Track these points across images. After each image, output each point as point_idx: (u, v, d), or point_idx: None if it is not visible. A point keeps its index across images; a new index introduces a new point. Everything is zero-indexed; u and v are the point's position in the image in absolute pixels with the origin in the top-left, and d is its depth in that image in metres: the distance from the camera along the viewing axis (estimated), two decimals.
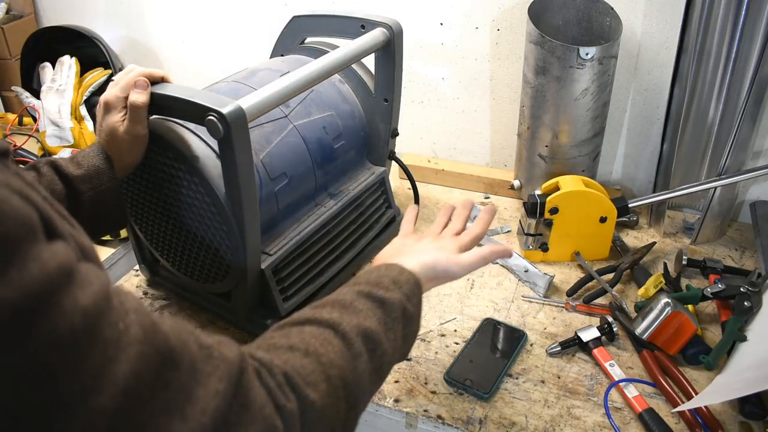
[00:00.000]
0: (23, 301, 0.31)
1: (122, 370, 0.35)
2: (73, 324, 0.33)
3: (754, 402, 0.78)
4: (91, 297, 0.35)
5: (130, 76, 0.77)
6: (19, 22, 1.61)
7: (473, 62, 1.27)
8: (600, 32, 1.12)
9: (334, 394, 0.50)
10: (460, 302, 1.00)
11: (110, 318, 0.36)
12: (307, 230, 0.93)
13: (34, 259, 0.33)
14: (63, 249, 0.35)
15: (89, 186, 0.74)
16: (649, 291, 0.96)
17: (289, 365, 0.49)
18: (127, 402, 0.35)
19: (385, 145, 1.08)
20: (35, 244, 0.33)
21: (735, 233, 1.16)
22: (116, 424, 0.35)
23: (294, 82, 0.81)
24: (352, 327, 0.55)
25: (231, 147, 0.72)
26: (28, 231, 0.33)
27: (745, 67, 0.97)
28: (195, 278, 0.92)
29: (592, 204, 1.04)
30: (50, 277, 0.33)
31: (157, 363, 0.38)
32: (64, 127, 1.40)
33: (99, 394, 0.34)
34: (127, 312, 0.37)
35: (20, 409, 0.32)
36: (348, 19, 1.00)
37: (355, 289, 0.60)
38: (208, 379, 0.40)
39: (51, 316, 0.33)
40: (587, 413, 0.81)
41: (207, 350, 0.42)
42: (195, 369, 0.40)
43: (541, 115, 1.12)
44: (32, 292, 0.32)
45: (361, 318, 0.56)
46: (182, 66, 1.57)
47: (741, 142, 1.03)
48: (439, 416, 0.81)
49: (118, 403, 0.35)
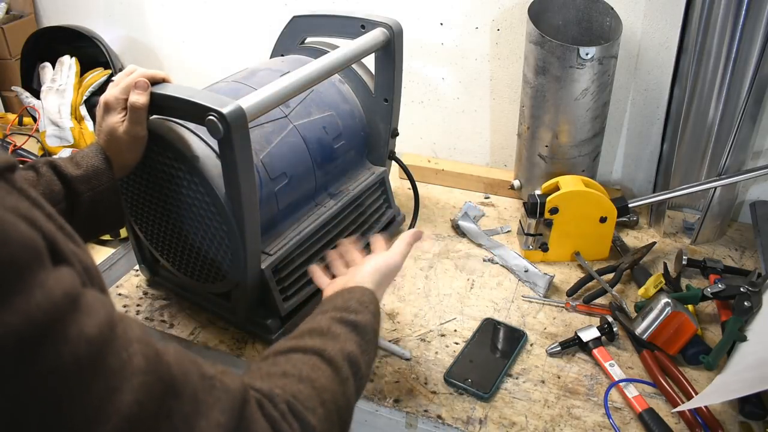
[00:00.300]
0: (28, 329, 0.31)
1: (126, 400, 0.35)
2: (77, 353, 0.33)
3: (754, 402, 0.78)
4: (96, 326, 0.35)
5: (130, 78, 0.77)
6: (19, 22, 1.61)
7: (473, 62, 1.27)
8: (600, 32, 1.12)
9: (329, 419, 0.51)
10: (460, 302, 1.00)
11: (114, 347, 0.36)
12: (307, 230, 0.93)
13: (40, 286, 0.32)
14: (68, 275, 0.35)
15: (88, 186, 0.74)
16: (649, 291, 0.96)
17: (288, 392, 0.49)
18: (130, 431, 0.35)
19: (385, 145, 1.08)
20: (41, 270, 0.33)
21: (735, 233, 1.16)
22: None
23: (294, 82, 0.81)
24: (337, 352, 0.57)
25: (231, 147, 0.72)
26: (33, 257, 0.33)
27: (745, 67, 0.97)
28: (195, 278, 0.92)
29: (592, 204, 1.04)
30: (56, 305, 0.33)
31: (160, 392, 0.38)
32: (64, 127, 1.40)
33: (103, 425, 0.34)
34: (131, 341, 0.37)
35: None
36: (348, 19, 1.00)
37: (328, 316, 0.62)
38: (210, 410, 0.40)
39: (56, 344, 0.32)
40: (587, 413, 0.81)
41: (210, 381, 0.42)
42: (197, 399, 0.40)
43: (541, 115, 1.12)
44: (37, 321, 0.32)
45: (341, 343, 0.58)
46: (182, 66, 1.57)
47: (741, 142, 1.03)
48: (439, 416, 0.81)
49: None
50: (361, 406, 0.85)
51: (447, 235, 1.17)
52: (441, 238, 1.16)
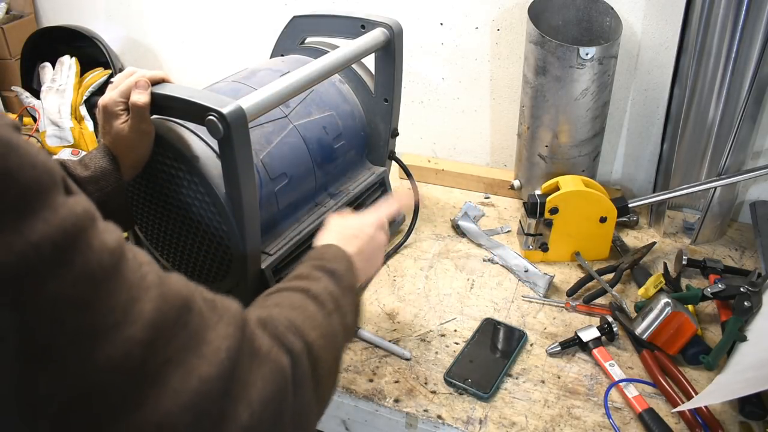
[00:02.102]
0: (60, 236, 0.35)
1: (147, 308, 0.39)
2: (102, 260, 0.37)
3: (754, 402, 0.78)
4: (115, 240, 0.39)
5: (129, 80, 0.77)
6: (19, 22, 1.61)
7: (473, 62, 1.27)
8: (600, 32, 1.12)
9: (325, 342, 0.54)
10: (460, 302, 1.00)
11: (130, 263, 0.40)
12: (307, 230, 0.93)
13: (62, 205, 0.36)
14: (84, 200, 0.39)
15: (96, 187, 0.75)
16: (649, 291, 0.96)
17: (284, 316, 0.53)
18: (156, 335, 0.39)
19: (385, 145, 1.08)
20: (60, 193, 0.37)
21: (735, 233, 1.16)
22: (147, 356, 0.38)
23: (294, 82, 0.81)
24: (320, 289, 0.60)
25: (231, 147, 0.72)
26: (55, 181, 0.37)
27: (745, 67, 0.97)
28: (195, 278, 0.92)
29: (592, 204, 1.04)
30: (79, 217, 0.37)
31: (175, 305, 0.41)
32: (64, 127, 1.40)
33: (131, 326, 0.38)
34: (142, 263, 0.41)
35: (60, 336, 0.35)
36: (348, 19, 1.00)
37: (307, 264, 0.65)
38: (217, 324, 0.44)
39: (83, 250, 0.36)
40: (587, 413, 0.81)
41: (211, 302, 0.46)
42: (203, 315, 0.43)
43: (541, 115, 1.12)
44: (67, 229, 0.36)
45: (324, 283, 0.62)
46: (182, 66, 1.57)
47: (741, 142, 1.03)
48: (439, 416, 0.81)
49: (147, 335, 0.38)
50: (361, 406, 0.85)
51: (447, 235, 1.17)
52: (441, 238, 1.16)
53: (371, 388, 0.85)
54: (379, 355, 0.90)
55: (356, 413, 0.86)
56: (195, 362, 0.41)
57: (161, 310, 0.40)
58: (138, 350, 0.38)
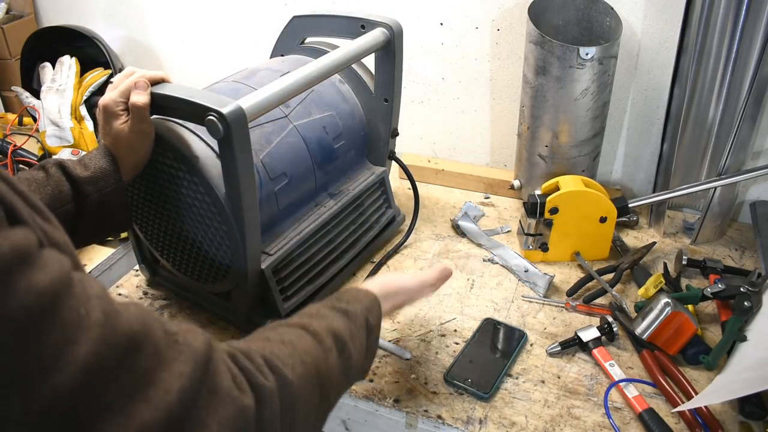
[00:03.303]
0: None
1: (82, 351, 0.36)
2: (27, 303, 0.34)
3: (754, 402, 0.78)
4: (48, 279, 0.36)
5: (129, 80, 0.77)
6: (19, 22, 1.60)
7: (473, 62, 1.27)
8: (600, 32, 1.12)
9: (308, 380, 0.52)
10: (460, 302, 1.00)
11: (69, 302, 0.37)
12: (307, 230, 0.93)
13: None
14: (21, 234, 0.37)
15: (95, 188, 0.75)
16: (649, 291, 0.96)
17: (266, 350, 0.51)
18: (88, 382, 0.36)
19: (385, 145, 1.08)
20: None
21: (735, 233, 1.16)
22: (77, 404, 0.36)
23: (294, 82, 0.81)
24: (322, 327, 0.59)
25: (231, 147, 0.72)
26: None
27: (745, 67, 0.97)
28: (195, 278, 0.92)
29: (592, 204, 1.04)
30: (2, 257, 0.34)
31: (119, 346, 0.38)
32: (64, 127, 1.40)
33: (59, 373, 0.35)
34: (89, 298, 0.38)
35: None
36: (348, 19, 1.00)
37: (319, 304, 0.65)
38: (172, 363, 0.41)
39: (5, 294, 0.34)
40: (587, 413, 0.81)
41: (173, 336, 0.43)
42: (159, 354, 0.41)
43: (541, 115, 1.12)
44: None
45: (328, 321, 0.60)
46: (182, 66, 1.57)
47: (741, 142, 1.03)
48: (439, 416, 0.81)
49: (78, 382, 0.36)
50: (361, 406, 0.85)
51: (447, 235, 1.17)
52: (441, 238, 1.16)
53: (371, 388, 0.85)
54: (379, 355, 0.90)
55: (356, 413, 0.86)
56: (137, 408, 0.38)
57: (98, 354, 0.37)
58: (66, 399, 0.35)
